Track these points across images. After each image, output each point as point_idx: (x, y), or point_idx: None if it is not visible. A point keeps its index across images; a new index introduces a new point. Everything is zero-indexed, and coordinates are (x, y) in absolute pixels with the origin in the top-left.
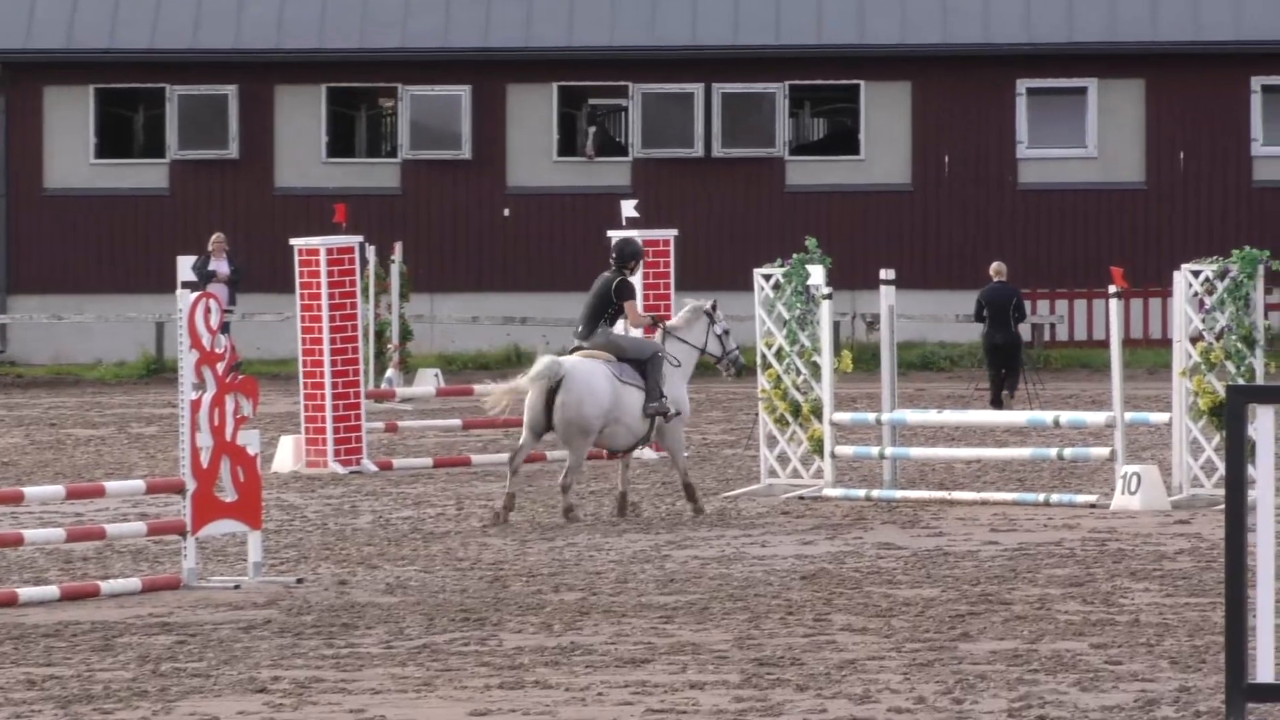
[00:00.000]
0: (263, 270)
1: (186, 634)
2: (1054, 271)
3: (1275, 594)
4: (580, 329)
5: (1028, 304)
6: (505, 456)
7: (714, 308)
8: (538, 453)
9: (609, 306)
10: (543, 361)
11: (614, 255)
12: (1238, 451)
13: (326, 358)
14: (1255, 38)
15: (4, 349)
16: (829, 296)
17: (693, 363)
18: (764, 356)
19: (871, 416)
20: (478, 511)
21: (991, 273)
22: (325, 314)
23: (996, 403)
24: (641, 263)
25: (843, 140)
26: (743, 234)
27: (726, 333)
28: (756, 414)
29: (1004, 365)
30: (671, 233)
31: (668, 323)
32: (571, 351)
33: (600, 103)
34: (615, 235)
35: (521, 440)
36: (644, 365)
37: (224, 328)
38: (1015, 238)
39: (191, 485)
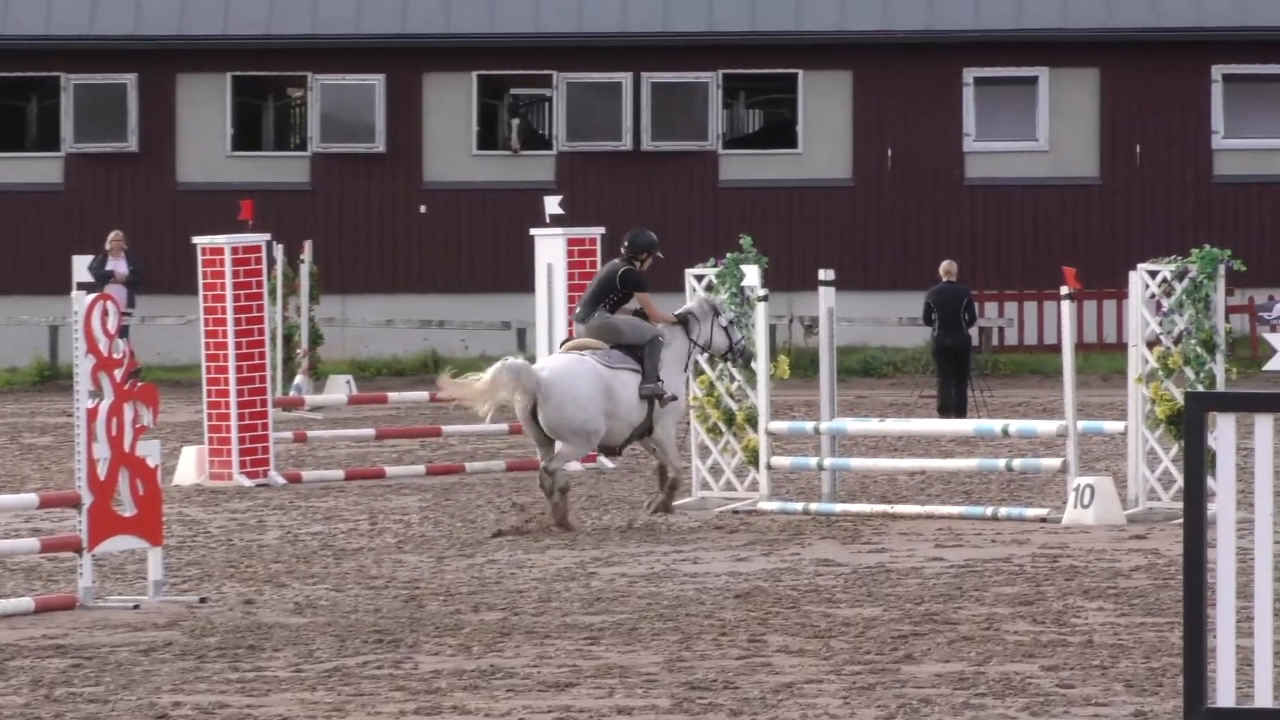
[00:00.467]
0: (164, 270)
1: (82, 657)
2: (1003, 272)
3: (1236, 613)
4: (579, 311)
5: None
6: (420, 469)
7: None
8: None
9: (612, 293)
10: (493, 371)
11: (625, 245)
12: (1197, 462)
13: (231, 363)
14: (1216, 25)
15: None
16: (765, 298)
17: (688, 358)
18: (696, 362)
19: (810, 425)
20: (392, 526)
21: (941, 272)
22: (230, 317)
23: (944, 410)
24: (653, 256)
25: (779, 133)
26: (674, 232)
27: (733, 323)
28: (688, 423)
29: (953, 370)
30: (598, 231)
31: (675, 313)
32: (563, 344)
33: (523, 93)
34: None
35: (540, 455)
36: (640, 350)
37: (122, 331)
38: (962, 236)
39: (88, 499)
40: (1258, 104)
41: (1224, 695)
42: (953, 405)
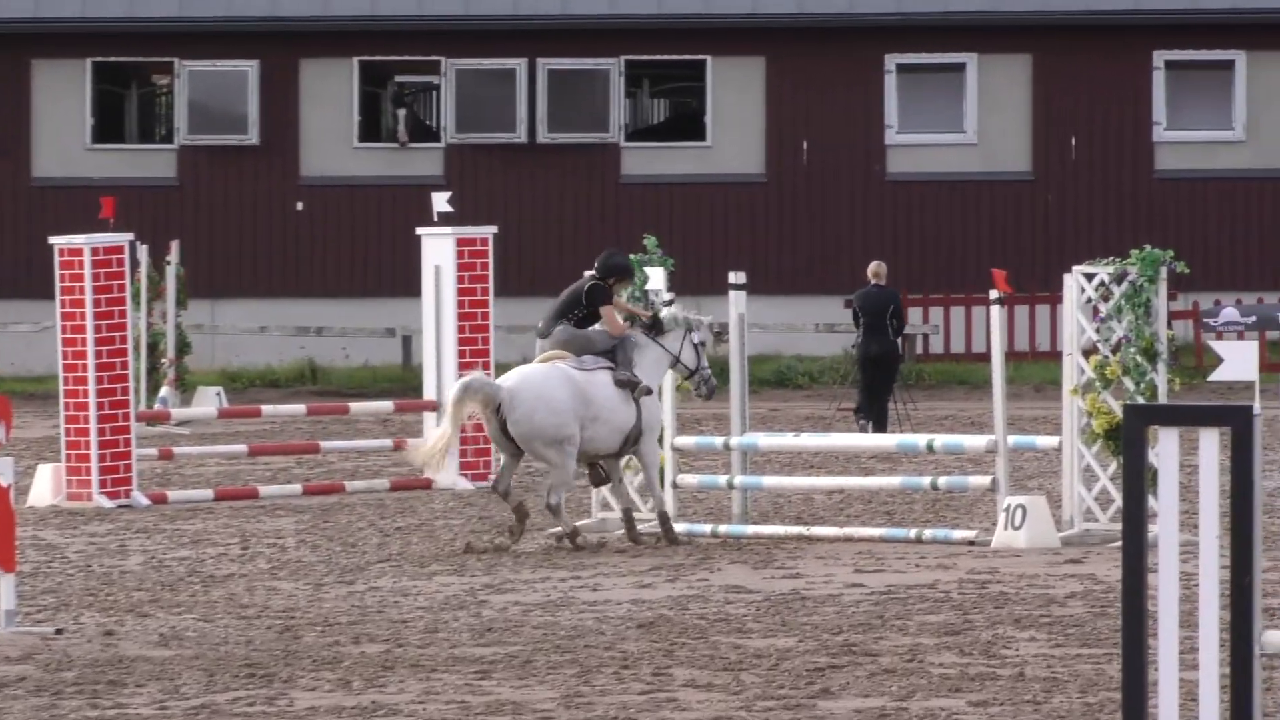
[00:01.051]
0: (17, 273)
1: None
2: (927, 274)
3: (1179, 644)
4: (540, 326)
5: None
6: (297, 488)
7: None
8: (337, 483)
9: (577, 308)
10: (460, 385)
11: (596, 266)
12: (1136, 481)
13: (91, 374)
14: (1158, 7)
15: None
16: (671, 303)
17: (664, 367)
18: None
19: (719, 440)
20: (265, 551)
21: (869, 274)
22: (90, 324)
23: (875, 423)
24: (624, 284)
25: (686, 124)
26: (572, 231)
27: (703, 344)
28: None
29: (879, 380)
30: (490, 230)
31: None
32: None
33: (408, 80)
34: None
35: (503, 462)
36: (613, 351)
37: None
38: (883, 236)
39: None
40: (1202, 93)
41: None
42: (873, 418)
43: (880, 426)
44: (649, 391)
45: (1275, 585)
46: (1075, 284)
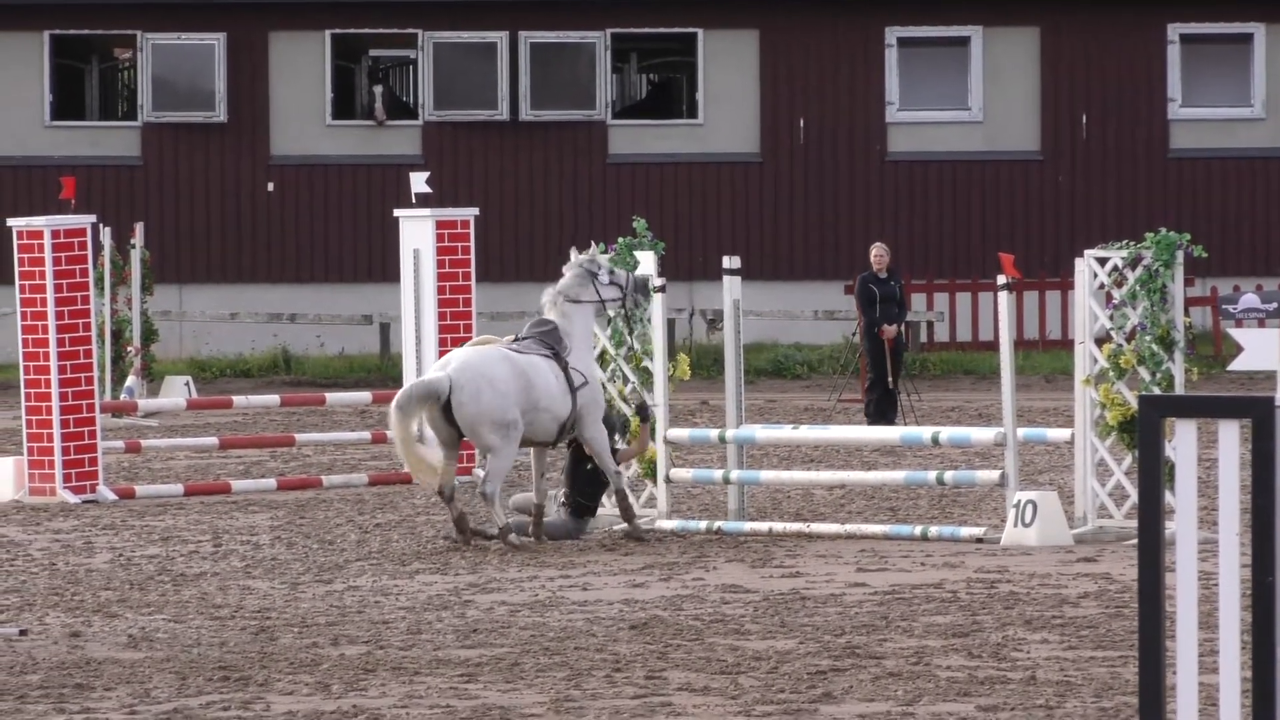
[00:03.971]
0: None
1: None
2: (931, 259)
3: (1198, 646)
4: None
5: None
6: (271, 483)
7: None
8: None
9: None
10: (394, 407)
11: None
12: (1153, 475)
13: (53, 363)
14: None
15: None
16: (662, 289)
17: (592, 322)
18: None
19: (714, 433)
20: (239, 549)
21: (873, 255)
22: (51, 310)
23: (880, 412)
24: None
25: (677, 100)
26: (557, 213)
27: (613, 272)
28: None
29: (887, 366)
30: (471, 212)
31: (555, 286)
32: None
33: (384, 54)
34: None
35: (442, 459)
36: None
37: None
38: (884, 219)
39: None
40: (1220, 68)
41: None
42: (884, 409)
43: (890, 418)
44: (586, 383)
45: None
46: (1087, 269)
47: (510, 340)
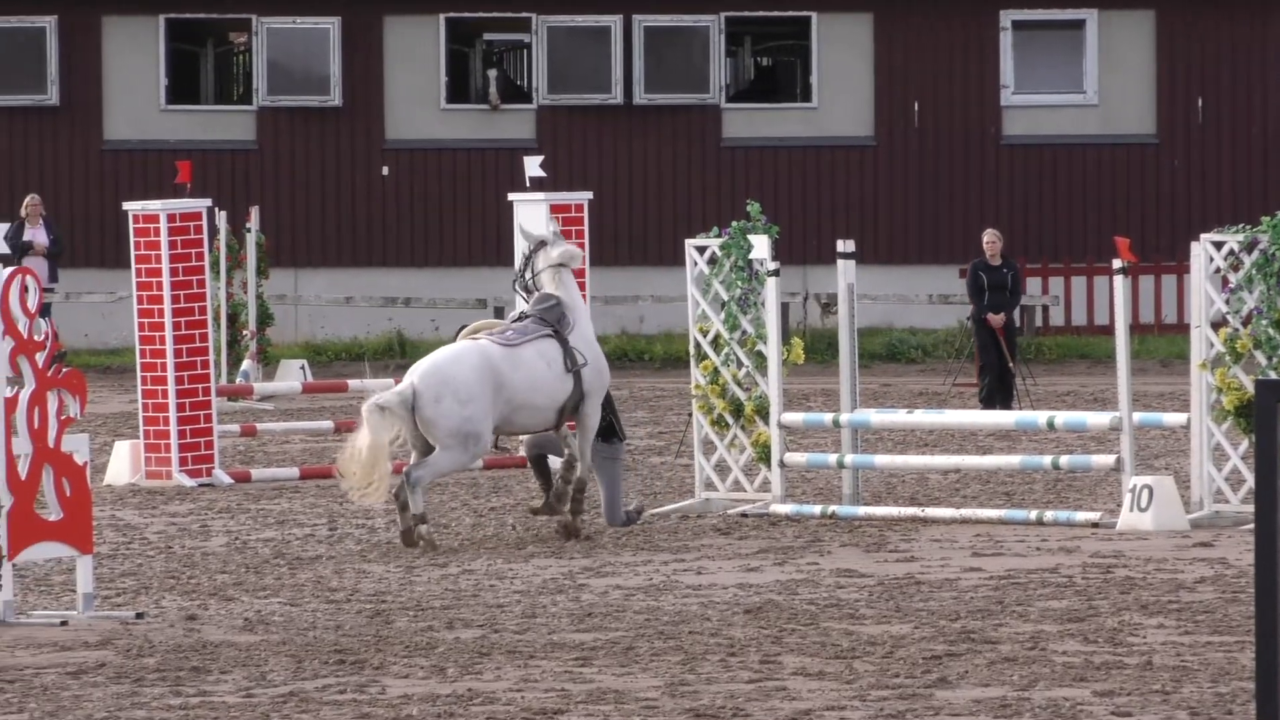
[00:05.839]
0: (90, 241)
1: (3, 680)
2: (1046, 243)
3: None
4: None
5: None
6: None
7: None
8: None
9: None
10: (370, 410)
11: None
12: (1269, 459)
13: (169, 347)
14: None
15: None
16: (776, 273)
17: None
18: (698, 345)
19: (828, 418)
20: (354, 532)
21: (985, 242)
22: (167, 294)
23: (997, 397)
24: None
25: (790, 84)
26: (671, 197)
27: (556, 234)
28: (690, 415)
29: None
30: (585, 196)
31: (553, 256)
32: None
33: (498, 38)
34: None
35: (412, 461)
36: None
37: (44, 310)
38: (999, 202)
39: (7, 501)
40: None
41: None
42: (998, 396)
43: (1006, 403)
44: (585, 363)
45: None
46: (1203, 253)
47: (512, 320)
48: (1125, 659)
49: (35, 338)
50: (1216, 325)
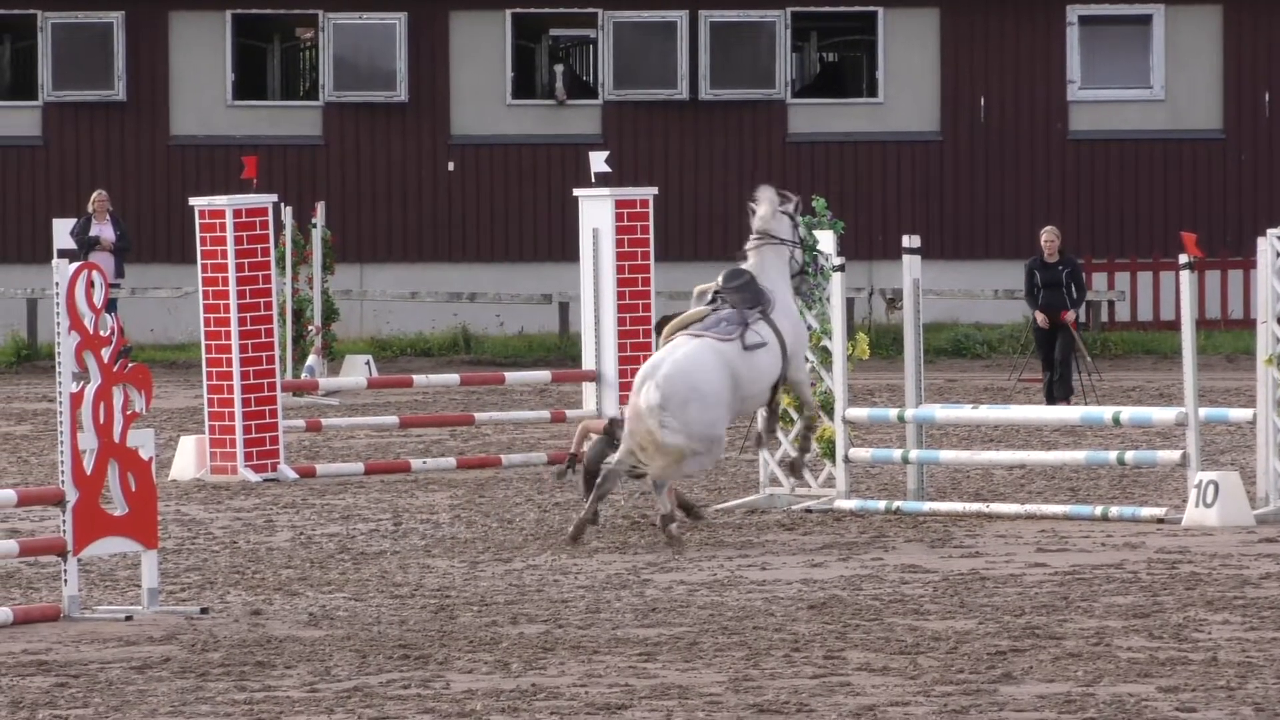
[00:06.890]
0: (156, 236)
1: (68, 675)
2: (1112, 238)
3: None
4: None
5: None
6: (451, 461)
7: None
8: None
9: None
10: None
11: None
12: None
13: (234, 342)
14: None
15: None
16: (841, 268)
17: (786, 265)
18: None
19: (893, 413)
20: (419, 527)
21: (1043, 240)
22: (232, 289)
23: (1057, 394)
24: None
25: (856, 79)
26: (736, 192)
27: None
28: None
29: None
30: (650, 191)
31: (755, 221)
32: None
33: (564, 34)
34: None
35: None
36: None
37: (110, 305)
38: (1065, 197)
39: (72, 496)
40: None
41: None
42: (1056, 394)
43: (1065, 398)
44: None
45: None
46: (1270, 248)
47: (708, 309)
48: (1190, 655)
49: (101, 333)
50: None
